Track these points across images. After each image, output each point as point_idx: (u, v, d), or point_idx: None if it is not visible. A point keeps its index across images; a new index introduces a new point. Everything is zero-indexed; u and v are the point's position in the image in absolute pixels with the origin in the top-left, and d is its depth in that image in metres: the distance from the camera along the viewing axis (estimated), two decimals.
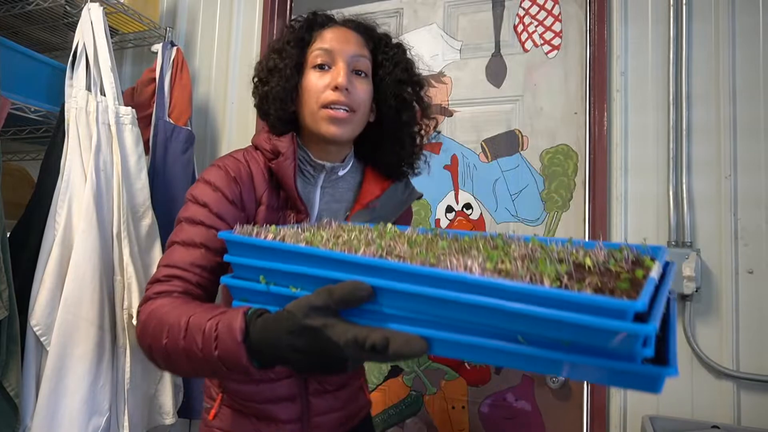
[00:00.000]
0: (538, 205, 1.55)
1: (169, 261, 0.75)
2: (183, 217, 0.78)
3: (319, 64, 0.83)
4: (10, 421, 1.23)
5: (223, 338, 0.55)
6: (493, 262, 0.47)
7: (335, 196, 0.90)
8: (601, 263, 0.48)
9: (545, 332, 0.38)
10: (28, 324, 1.28)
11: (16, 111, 1.40)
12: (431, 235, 0.67)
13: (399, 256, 0.50)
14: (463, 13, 1.70)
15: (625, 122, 1.44)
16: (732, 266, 1.30)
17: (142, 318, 0.69)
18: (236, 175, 0.81)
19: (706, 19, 1.39)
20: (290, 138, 0.83)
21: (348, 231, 0.66)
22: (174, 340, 0.61)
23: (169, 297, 0.70)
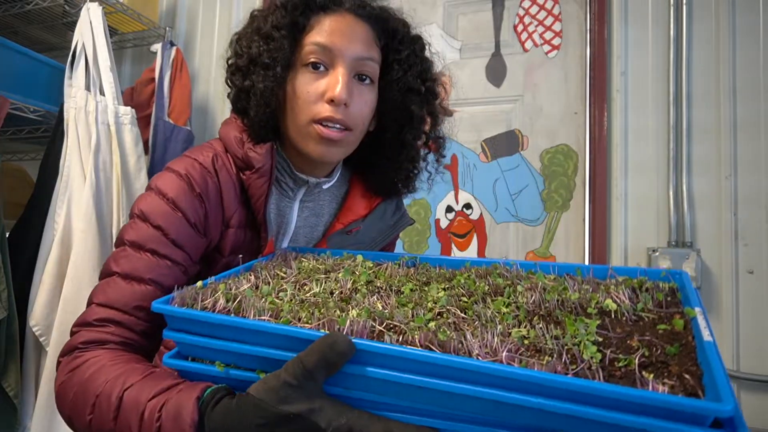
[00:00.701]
0: (538, 205, 1.55)
1: (106, 299, 0.57)
2: (127, 240, 0.60)
3: (313, 63, 0.64)
4: (10, 422, 1.22)
5: (167, 430, 0.43)
6: (515, 328, 0.40)
7: (315, 210, 0.75)
8: (629, 310, 0.42)
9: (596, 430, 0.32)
10: (27, 324, 1.28)
11: (15, 111, 1.40)
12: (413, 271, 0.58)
13: (393, 325, 0.41)
14: (463, 12, 1.70)
15: (625, 122, 1.44)
16: (732, 266, 1.30)
17: (62, 378, 0.53)
18: (202, 191, 0.63)
19: (706, 19, 1.39)
20: (269, 150, 0.66)
21: (313, 273, 0.57)
22: (102, 418, 0.47)
23: (101, 349, 0.54)
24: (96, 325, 0.56)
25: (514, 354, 0.35)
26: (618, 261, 1.40)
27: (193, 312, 0.45)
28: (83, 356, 0.53)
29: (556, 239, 1.52)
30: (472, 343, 0.36)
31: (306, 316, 0.43)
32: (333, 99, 0.63)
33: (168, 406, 0.44)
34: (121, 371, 0.50)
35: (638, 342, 0.37)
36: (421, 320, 0.42)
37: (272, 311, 0.44)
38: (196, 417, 0.42)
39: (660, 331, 0.39)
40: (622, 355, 0.35)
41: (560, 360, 0.35)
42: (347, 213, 0.76)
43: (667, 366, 0.34)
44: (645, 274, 0.51)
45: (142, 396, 0.46)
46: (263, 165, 0.65)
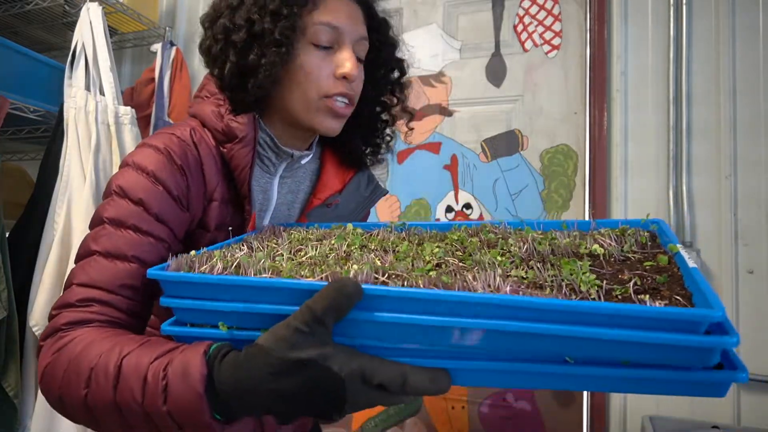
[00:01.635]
0: (538, 205, 1.55)
1: (88, 279, 0.54)
2: (106, 217, 0.57)
3: (322, 43, 0.65)
4: (10, 422, 1.22)
5: (175, 388, 0.41)
6: (514, 269, 0.42)
7: (292, 187, 0.76)
8: (616, 251, 0.45)
9: (604, 353, 0.33)
10: (27, 324, 1.28)
11: (15, 111, 1.40)
12: (404, 234, 0.59)
13: (395, 274, 0.42)
14: (463, 12, 1.70)
15: (625, 122, 1.44)
16: (732, 266, 1.30)
17: (48, 359, 0.50)
18: (183, 162, 0.61)
19: (706, 19, 1.39)
20: (251, 120, 0.65)
21: (305, 241, 0.58)
22: (100, 391, 0.45)
23: (86, 328, 0.51)
24: (78, 306, 0.53)
25: (516, 289, 0.37)
26: None
27: (192, 275, 0.44)
28: (69, 335, 0.50)
29: None
30: (474, 284, 0.37)
31: (307, 274, 0.43)
32: (346, 75, 0.65)
33: (173, 365, 0.42)
34: (114, 342, 0.47)
35: (629, 275, 0.39)
36: (422, 270, 0.42)
37: (273, 270, 0.44)
38: (205, 371, 0.41)
39: (647, 266, 0.41)
40: (618, 285, 0.37)
41: (561, 292, 0.36)
42: (323, 188, 0.77)
43: (659, 291, 0.36)
44: (626, 223, 0.55)
45: (143, 359, 0.44)
46: (247, 134, 0.64)
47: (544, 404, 1.48)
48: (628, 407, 1.36)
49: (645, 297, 0.34)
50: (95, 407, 0.45)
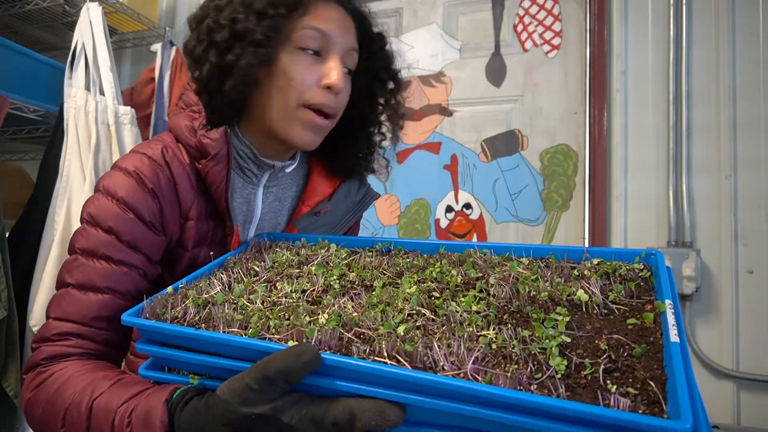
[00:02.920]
0: (538, 205, 1.55)
1: (62, 313, 0.55)
2: (78, 248, 0.57)
3: (313, 49, 0.63)
4: (10, 422, 1.22)
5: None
6: (485, 329, 0.41)
7: (278, 195, 0.74)
8: (600, 304, 0.42)
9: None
10: (27, 324, 1.28)
11: (15, 111, 1.40)
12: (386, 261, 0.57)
13: (362, 333, 0.41)
14: (463, 12, 1.70)
15: (625, 122, 1.44)
16: (732, 266, 1.30)
17: (28, 395, 0.52)
18: (154, 185, 0.60)
19: (706, 19, 1.39)
20: (223, 135, 0.63)
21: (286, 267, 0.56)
22: (74, 430, 0.47)
23: (63, 362, 0.53)
24: (55, 340, 0.54)
25: (479, 366, 0.36)
26: None
27: (162, 326, 0.44)
28: (47, 371, 0.52)
29: (555, 239, 1.52)
30: (438, 354, 0.36)
31: (275, 325, 0.43)
32: (331, 86, 0.62)
33: (138, 410, 0.44)
34: (88, 381, 0.49)
35: (606, 342, 0.37)
36: (389, 325, 0.41)
37: (241, 321, 0.44)
38: (166, 418, 0.42)
39: (629, 326, 0.39)
40: (589, 359, 0.35)
41: (526, 368, 0.35)
42: (312, 194, 0.75)
43: (633, 371, 0.34)
44: (619, 256, 0.51)
45: (112, 403, 0.46)
46: (219, 151, 0.62)
47: None
48: None
49: (613, 387, 0.32)
50: None
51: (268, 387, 0.38)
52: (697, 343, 1.30)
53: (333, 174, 0.77)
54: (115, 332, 0.56)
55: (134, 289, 0.58)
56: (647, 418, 0.28)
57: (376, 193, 0.83)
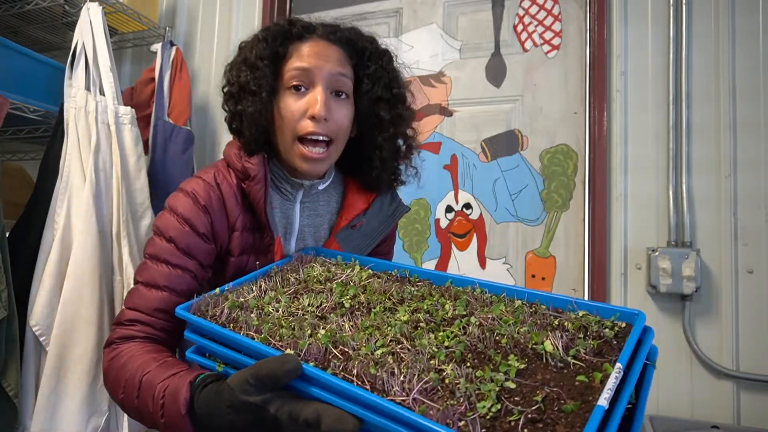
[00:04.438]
0: (538, 205, 1.55)
1: (132, 304, 0.70)
2: (147, 253, 0.73)
3: (294, 86, 0.74)
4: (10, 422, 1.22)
5: (168, 407, 0.55)
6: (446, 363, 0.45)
7: (317, 211, 0.84)
8: (562, 352, 0.44)
9: None
10: (27, 324, 1.28)
11: (15, 111, 1.40)
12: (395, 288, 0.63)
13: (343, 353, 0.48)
14: (463, 12, 1.70)
15: (625, 122, 1.44)
16: (732, 266, 1.30)
17: (105, 365, 0.67)
18: (206, 203, 0.73)
19: (706, 19, 1.39)
20: (261, 160, 0.75)
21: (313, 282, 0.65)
22: (129, 397, 0.61)
23: (130, 342, 0.67)
24: (126, 325, 0.69)
25: (423, 396, 0.41)
26: (618, 261, 1.40)
27: (200, 321, 0.56)
28: (119, 348, 0.66)
29: (555, 239, 1.52)
30: (394, 381, 0.43)
31: (282, 333, 0.52)
32: (314, 116, 0.72)
33: (170, 388, 0.56)
34: (143, 360, 0.62)
35: (544, 394, 0.39)
36: (369, 348, 0.49)
37: (257, 326, 0.54)
38: (189, 396, 0.53)
39: (577, 383, 0.40)
40: (520, 407, 0.38)
41: (462, 405, 0.39)
42: (349, 210, 0.85)
43: (554, 425, 0.36)
44: (605, 312, 0.52)
45: (155, 380, 0.58)
46: (257, 173, 0.74)
47: None
48: None
49: None
50: (128, 408, 0.62)
51: (260, 384, 0.46)
52: (697, 343, 1.30)
53: (366, 190, 0.87)
54: (171, 323, 0.69)
55: (187, 289, 0.71)
56: None
57: (406, 207, 0.92)
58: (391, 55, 0.83)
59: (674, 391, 1.32)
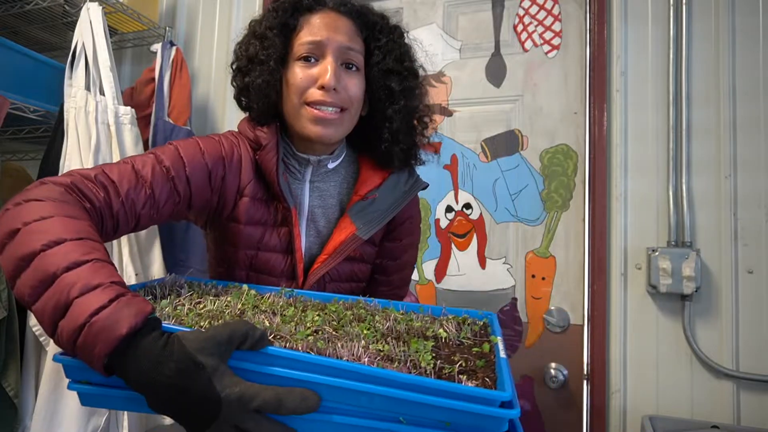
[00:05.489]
0: (538, 205, 1.55)
1: (109, 171, 0.62)
2: (153, 151, 0.68)
3: (304, 56, 0.73)
4: (10, 421, 1.23)
5: (92, 334, 0.42)
6: (373, 343, 0.52)
7: (328, 191, 0.82)
8: (454, 336, 0.58)
9: (428, 414, 0.43)
10: (27, 324, 1.28)
11: (15, 111, 1.40)
12: (291, 300, 0.66)
13: (281, 335, 0.50)
14: (463, 12, 1.70)
15: (625, 122, 1.44)
16: (732, 266, 1.30)
17: (16, 200, 0.52)
18: (227, 156, 0.73)
19: (706, 19, 1.39)
20: (273, 129, 0.75)
21: (204, 295, 0.63)
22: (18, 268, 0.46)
23: (72, 203, 0.53)
24: (89, 180, 0.59)
25: (373, 361, 0.47)
26: (618, 261, 1.40)
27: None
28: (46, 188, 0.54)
29: (555, 239, 1.52)
30: (342, 352, 0.48)
31: (206, 325, 0.50)
32: (324, 85, 0.71)
33: (104, 314, 0.43)
34: (76, 245, 0.47)
35: (459, 357, 0.52)
36: (302, 334, 0.51)
37: (176, 318, 0.52)
38: (126, 333, 0.42)
39: (474, 351, 0.54)
40: (447, 365, 0.49)
41: (405, 366, 0.47)
42: (363, 185, 0.82)
43: (476, 373, 0.48)
44: (467, 314, 0.68)
45: (85, 287, 0.44)
46: (269, 141, 0.74)
47: (544, 404, 1.48)
48: (628, 407, 1.36)
49: (464, 377, 0.46)
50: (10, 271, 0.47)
51: (222, 345, 0.42)
52: (696, 343, 1.30)
53: (381, 167, 0.84)
54: (127, 217, 0.62)
55: (164, 205, 0.66)
56: (486, 391, 0.43)
57: (424, 183, 0.88)
58: (402, 31, 0.82)
59: (674, 391, 1.32)
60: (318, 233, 0.81)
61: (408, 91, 0.80)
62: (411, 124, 0.82)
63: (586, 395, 1.42)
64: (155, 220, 0.67)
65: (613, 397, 1.37)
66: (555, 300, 1.50)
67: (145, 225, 0.66)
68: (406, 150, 0.83)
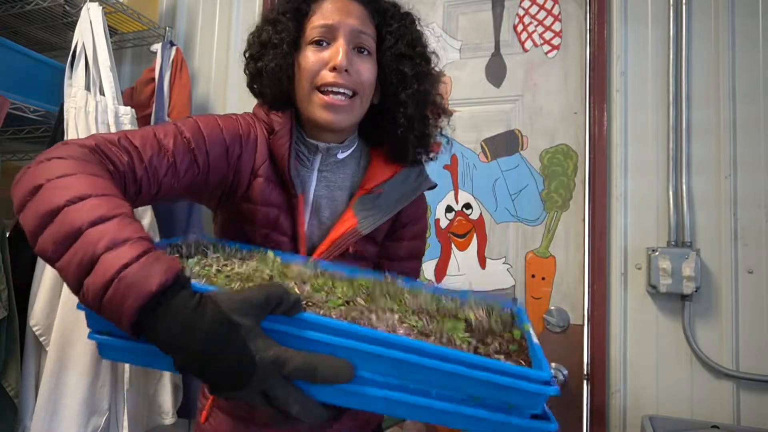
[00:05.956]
0: (538, 205, 1.55)
1: (132, 137, 0.61)
2: (174, 122, 0.68)
3: (316, 41, 0.73)
4: (10, 421, 1.23)
5: (121, 289, 0.40)
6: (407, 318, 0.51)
7: (336, 183, 0.80)
8: (485, 321, 0.56)
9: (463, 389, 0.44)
10: (27, 324, 1.28)
11: (16, 111, 1.40)
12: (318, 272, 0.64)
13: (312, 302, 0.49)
14: (463, 12, 1.70)
15: (625, 122, 1.44)
16: (732, 266, 1.30)
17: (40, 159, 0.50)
18: (244, 135, 0.73)
19: (706, 20, 1.39)
20: (289, 114, 0.75)
21: (230, 257, 0.62)
22: (42, 222, 0.44)
23: (102, 167, 0.53)
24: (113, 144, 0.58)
25: (408, 333, 0.46)
26: (618, 261, 1.40)
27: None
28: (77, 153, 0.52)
29: (555, 239, 1.52)
30: (377, 323, 0.47)
31: (237, 288, 0.49)
32: (336, 66, 0.71)
33: (135, 268, 0.41)
34: (101, 201, 0.45)
35: (492, 339, 0.51)
36: (335, 303, 0.50)
37: (206, 278, 0.50)
38: (157, 289, 0.40)
39: (506, 336, 0.53)
40: (483, 346, 0.49)
41: (440, 342, 0.46)
42: (371, 179, 0.81)
43: (510, 355, 0.48)
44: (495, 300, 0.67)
45: (113, 241, 0.42)
46: (283, 126, 0.74)
47: None
48: (628, 407, 1.36)
49: (501, 357, 0.46)
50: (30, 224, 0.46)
51: (257, 307, 0.42)
52: (697, 343, 1.30)
53: (392, 161, 0.82)
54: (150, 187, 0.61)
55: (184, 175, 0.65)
56: (526, 369, 0.44)
57: (432, 182, 0.86)
58: (414, 17, 0.83)
59: (674, 391, 1.32)
60: (320, 224, 0.79)
61: (421, 76, 0.79)
62: (424, 112, 0.81)
63: (586, 395, 1.42)
64: (175, 191, 0.67)
65: (613, 397, 1.37)
66: (555, 300, 1.50)
67: (165, 194, 0.65)
68: (420, 138, 0.81)
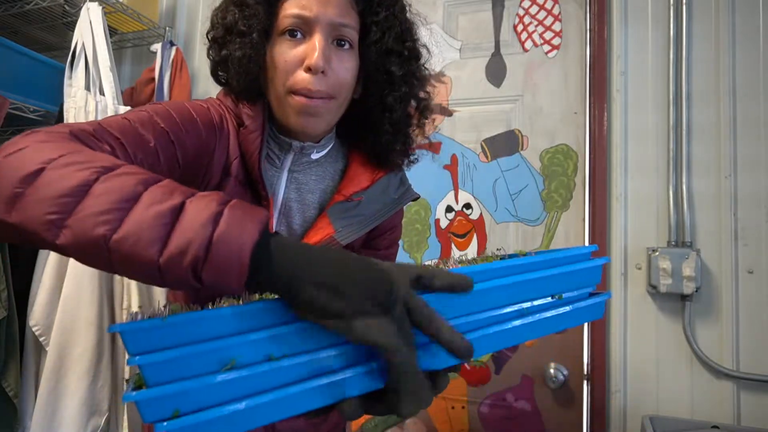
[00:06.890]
0: (538, 205, 1.55)
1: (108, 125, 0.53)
2: (146, 110, 0.59)
3: (290, 30, 0.63)
4: (9, 422, 1.23)
5: (224, 239, 0.34)
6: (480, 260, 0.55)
7: (307, 185, 0.72)
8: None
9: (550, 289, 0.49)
10: (27, 324, 1.28)
11: (15, 111, 1.40)
12: None
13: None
14: (463, 12, 1.70)
15: (625, 122, 1.44)
16: (732, 266, 1.30)
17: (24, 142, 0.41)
18: (217, 126, 0.65)
19: (706, 20, 1.39)
20: (260, 108, 0.66)
21: None
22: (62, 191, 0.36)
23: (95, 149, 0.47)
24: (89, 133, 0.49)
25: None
26: (618, 260, 1.40)
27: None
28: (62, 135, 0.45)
29: (555, 239, 1.52)
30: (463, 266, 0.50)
31: None
32: (311, 66, 0.62)
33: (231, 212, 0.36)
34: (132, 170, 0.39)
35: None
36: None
37: None
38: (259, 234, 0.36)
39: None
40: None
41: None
42: (349, 184, 0.73)
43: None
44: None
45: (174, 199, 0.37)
46: (254, 121, 0.66)
47: (544, 404, 1.48)
48: (628, 407, 1.36)
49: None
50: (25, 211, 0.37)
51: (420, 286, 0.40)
52: (697, 343, 1.30)
53: (373, 165, 0.75)
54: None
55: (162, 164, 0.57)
56: (578, 248, 0.53)
57: (415, 194, 0.81)
58: (404, 4, 0.71)
59: (674, 391, 1.32)
60: (289, 230, 0.72)
61: (410, 76, 0.70)
62: (410, 114, 0.74)
63: (586, 395, 1.42)
64: None
65: (613, 397, 1.37)
66: None
67: None
68: (404, 143, 0.75)
